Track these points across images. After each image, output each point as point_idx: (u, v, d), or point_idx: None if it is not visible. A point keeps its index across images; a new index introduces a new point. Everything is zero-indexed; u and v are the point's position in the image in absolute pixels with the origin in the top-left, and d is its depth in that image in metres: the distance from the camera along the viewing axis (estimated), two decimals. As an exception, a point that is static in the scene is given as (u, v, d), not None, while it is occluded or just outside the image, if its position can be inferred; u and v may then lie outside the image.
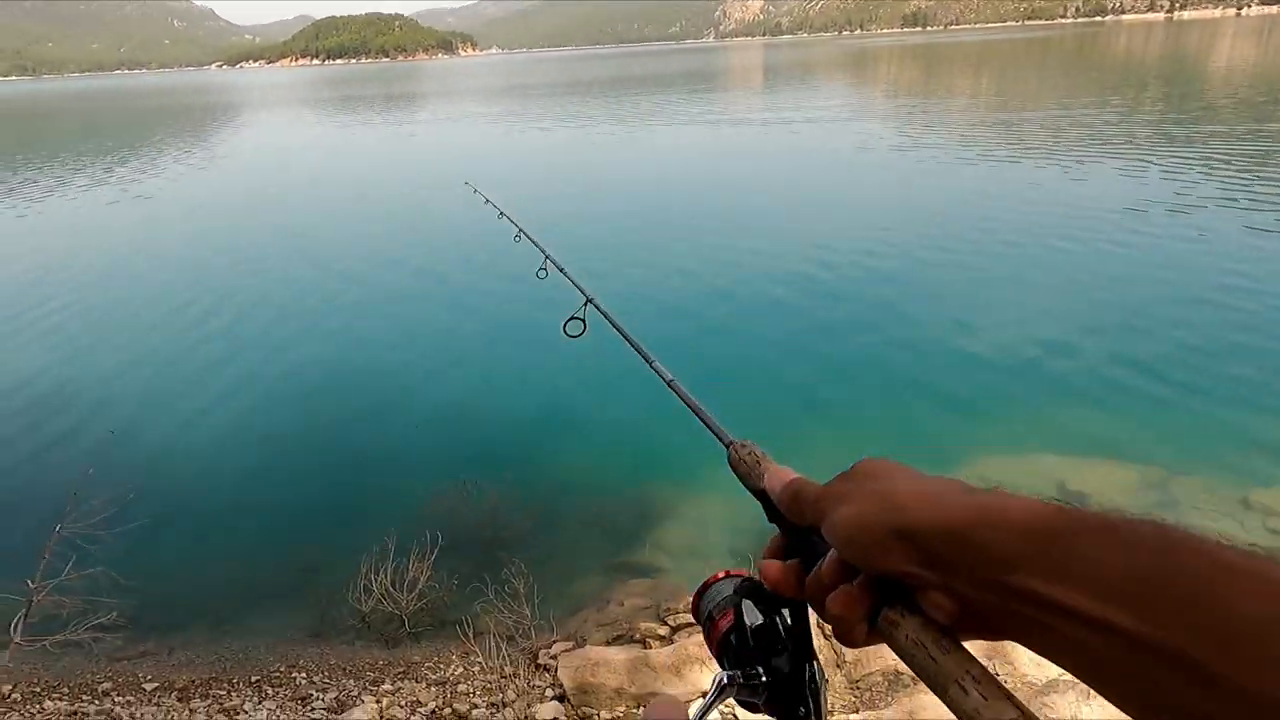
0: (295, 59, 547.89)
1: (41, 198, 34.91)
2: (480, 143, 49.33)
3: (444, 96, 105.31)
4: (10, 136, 77.47)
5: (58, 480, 10.30)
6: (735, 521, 9.60)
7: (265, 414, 12.65)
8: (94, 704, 7.18)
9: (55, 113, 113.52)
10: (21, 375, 14.41)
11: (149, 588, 8.12)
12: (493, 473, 10.46)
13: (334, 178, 38.07)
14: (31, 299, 19.02)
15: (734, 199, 26.68)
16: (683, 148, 40.78)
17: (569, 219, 24.44)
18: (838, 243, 19.95)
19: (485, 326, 15.88)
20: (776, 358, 13.77)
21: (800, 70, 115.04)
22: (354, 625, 8.24)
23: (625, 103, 73.19)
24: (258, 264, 21.56)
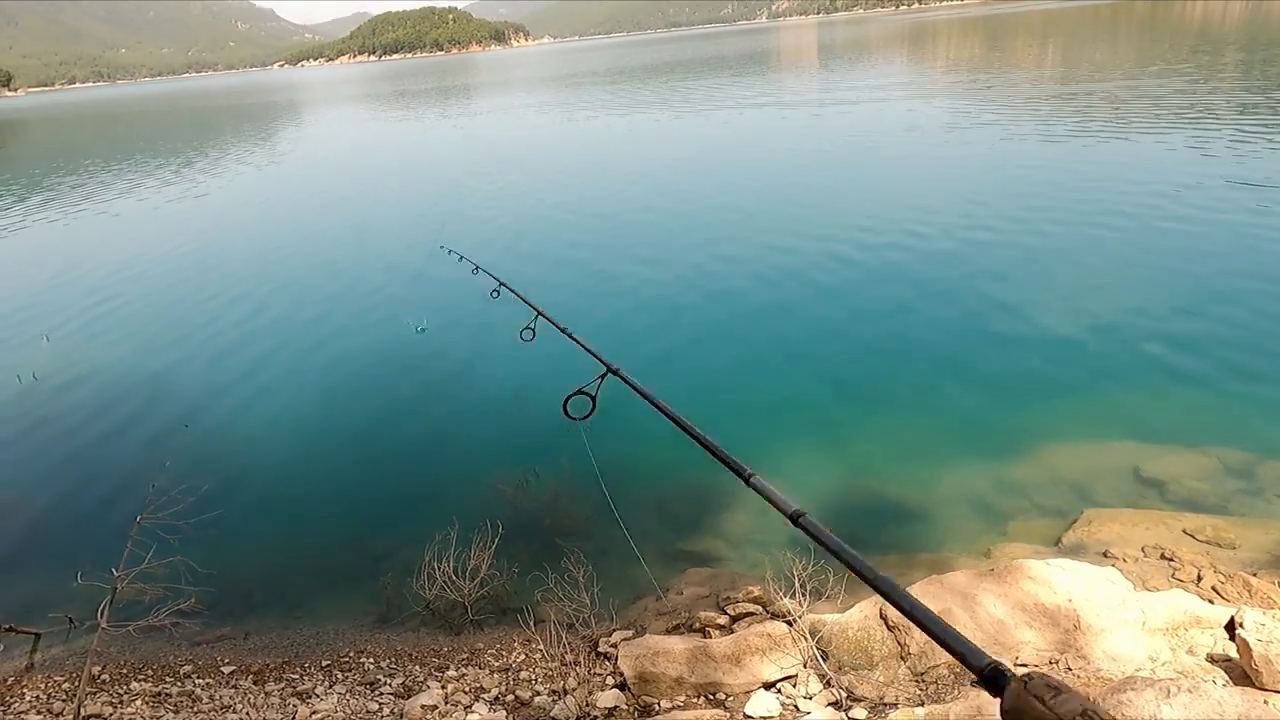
0: (353, 55, 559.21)
1: (116, 198, 36.42)
2: (525, 135, 49.59)
3: (493, 88, 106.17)
4: (89, 140, 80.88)
5: (138, 473, 10.79)
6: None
7: (334, 406, 13.00)
8: (176, 685, 7.50)
9: (128, 116, 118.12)
10: (102, 371, 15.10)
11: (225, 575, 8.44)
12: (552, 461, 10.55)
13: (390, 171, 38.76)
14: (111, 296, 19.91)
15: (784, 183, 26.28)
16: (725, 135, 40.28)
17: (600, 218, 24.46)
18: (892, 225, 19.49)
19: (560, 307, 15.94)
20: (835, 343, 13.56)
21: (855, 49, 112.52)
22: (419, 612, 8.42)
23: (673, 89, 72.70)
24: (321, 259, 22.12)
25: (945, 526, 9.01)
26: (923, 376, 12.23)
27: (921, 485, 9.67)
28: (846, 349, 13.30)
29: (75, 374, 15.00)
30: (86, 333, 17.37)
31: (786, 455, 10.47)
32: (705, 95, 60.95)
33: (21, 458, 12.03)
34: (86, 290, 20.75)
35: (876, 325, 14.06)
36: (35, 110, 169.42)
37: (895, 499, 9.52)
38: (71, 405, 13.69)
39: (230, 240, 25.65)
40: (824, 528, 1.72)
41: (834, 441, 10.76)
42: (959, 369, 12.28)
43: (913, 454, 10.33)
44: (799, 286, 16.11)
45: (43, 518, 10.50)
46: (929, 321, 14.02)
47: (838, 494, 9.73)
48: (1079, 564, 6.53)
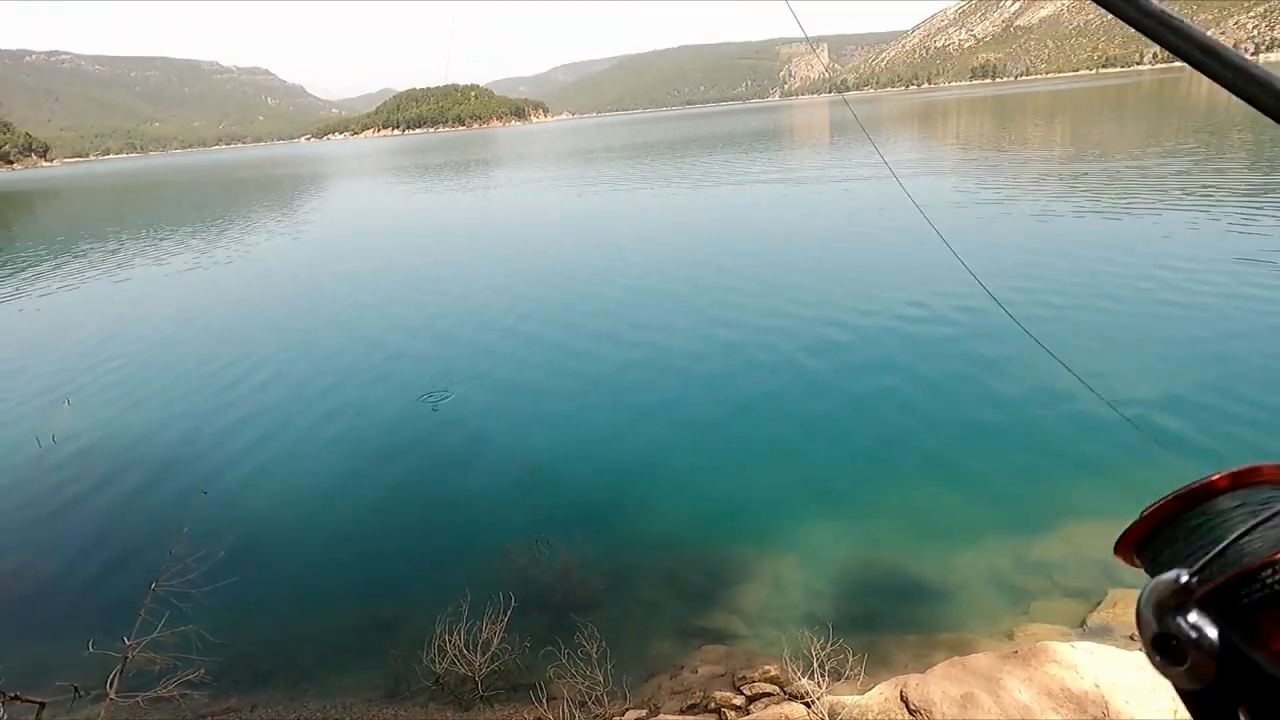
0: (378, 130, 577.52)
1: (140, 266, 37.29)
2: (533, 212, 50.70)
3: (510, 162, 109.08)
4: (116, 209, 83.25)
5: (155, 538, 10.79)
6: (813, 585, 9.37)
7: (347, 475, 13.02)
8: (180, 759, 7.35)
9: (157, 186, 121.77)
10: (122, 435, 15.24)
11: (235, 643, 8.35)
12: (564, 532, 10.49)
13: (408, 242, 39.61)
14: (132, 361, 20.23)
15: (803, 258, 26.63)
16: (730, 212, 41.03)
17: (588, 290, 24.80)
18: (906, 300, 19.66)
19: (561, 389, 16.10)
20: (852, 420, 13.54)
21: (866, 127, 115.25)
22: (428, 686, 8.27)
23: (681, 165, 74.46)
24: (335, 329, 22.44)
25: (966, 606, 8.83)
26: (941, 453, 12.14)
27: (941, 563, 9.52)
28: (863, 425, 13.26)
29: (95, 437, 15.14)
30: (107, 397, 17.58)
31: (803, 531, 10.36)
32: (713, 171, 62.34)
33: (39, 521, 12.06)
34: (108, 355, 21.10)
35: (893, 400, 14.05)
36: (68, 180, 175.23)
37: (914, 577, 9.36)
38: (91, 468, 13.78)
39: (249, 309, 26.12)
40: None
41: (851, 517, 10.65)
42: (978, 445, 12.20)
43: (932, 531, 10.20)
44: (812, 361, 16.17)
45: (56, 583, 10.46)
46: (947, 397, 13.99)
47: (855, 571, 9.58)
48: (1106, 648, 6.37)
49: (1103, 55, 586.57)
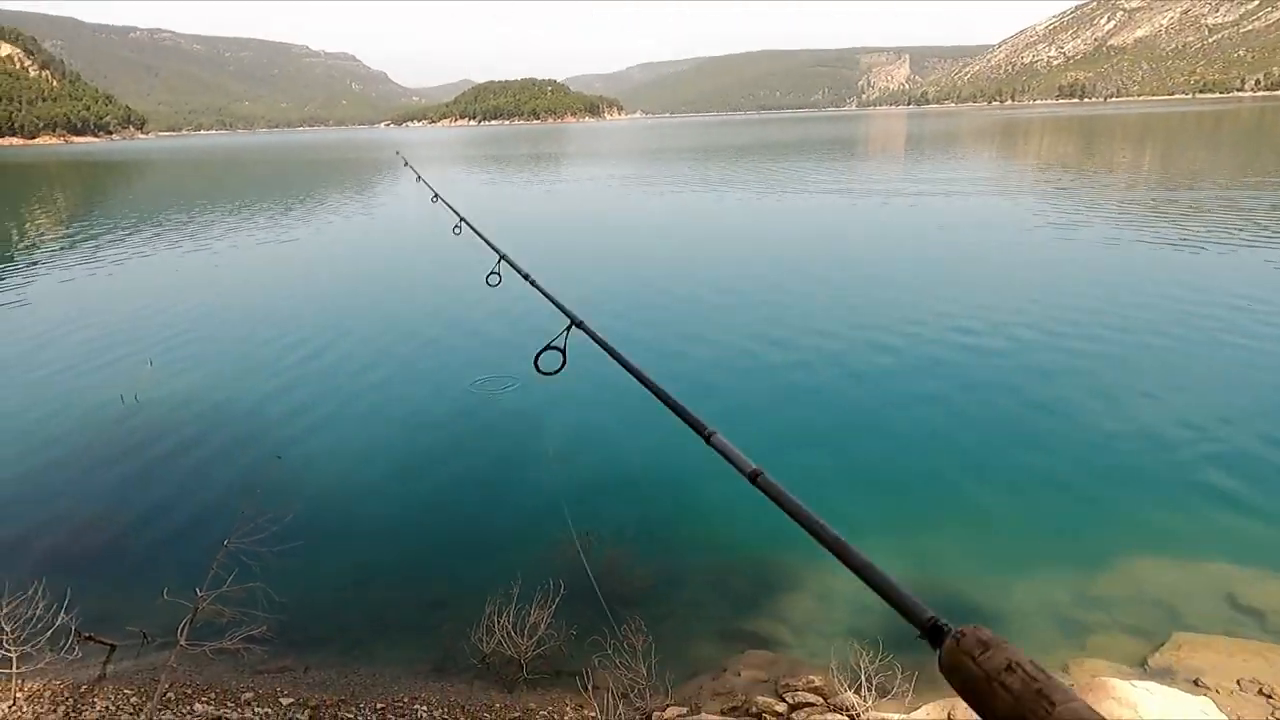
0: (455, 119, 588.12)
1: (226, 236, 38.76)
2: (597, 208, 50.96)
3: (581, 158, 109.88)
4: (207, 183, 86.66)
5: (229, 498, 11.26)
6: (862, 599, 9.25)
7: (415, 453, 13.35)
8: (236, 712, 7.66)
9: (245, 163, 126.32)
10: (201, 398, 15.91)
11: (295, 605, 8.65)
12: (616, 526, 10.60)
13: (482, 226, 40.22)
14: (213, 327, 21.10)
15: (861, 273, 26.28)
16: (798, 218, 40.60)
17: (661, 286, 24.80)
18: (974, 319, 19.23)
19: (619, 384, 16.17)
20: (909, 438, 13.33)
21: (943, 141, 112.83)
22: (474, 664, 8.44)
23: (752, 169, 73.99)
24: (414, 311, 23.00)
25: (1020, 634, 8.61)
26: (1002, 477, 11.87)
27: (997, 589, 9.32)
28: (921, 442, 13.04)
29: (176, 399, 15.83)
30: (188, 360, 18.36)
31: (855, 539, 10.21)
32: (784, 178, 61.79)
33: (122, 474, 12.69)
34: (188, 321, 22.03)
35: (953, 419, 13.79)
36: (161, 152, 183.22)
37: (968, 600, 9.18)
38: (171, 427, 14.43)
39: (328, 284, 26.94)
40: (781, 486, 1.73)
41: (906, 535, 10.49)
42: (1042, 472, 11.88)
43: (988, 555, 9.99)
44: (868, 376, 15.98)
45: (135, 533, 11.00)
46: (1013, 419, 13.67)
47: (907, 583, 9.41)
48: (1169, 689, 6.17)
49: (1200, 79, 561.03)
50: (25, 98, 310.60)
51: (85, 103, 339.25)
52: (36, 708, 7.46)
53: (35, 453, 13.47)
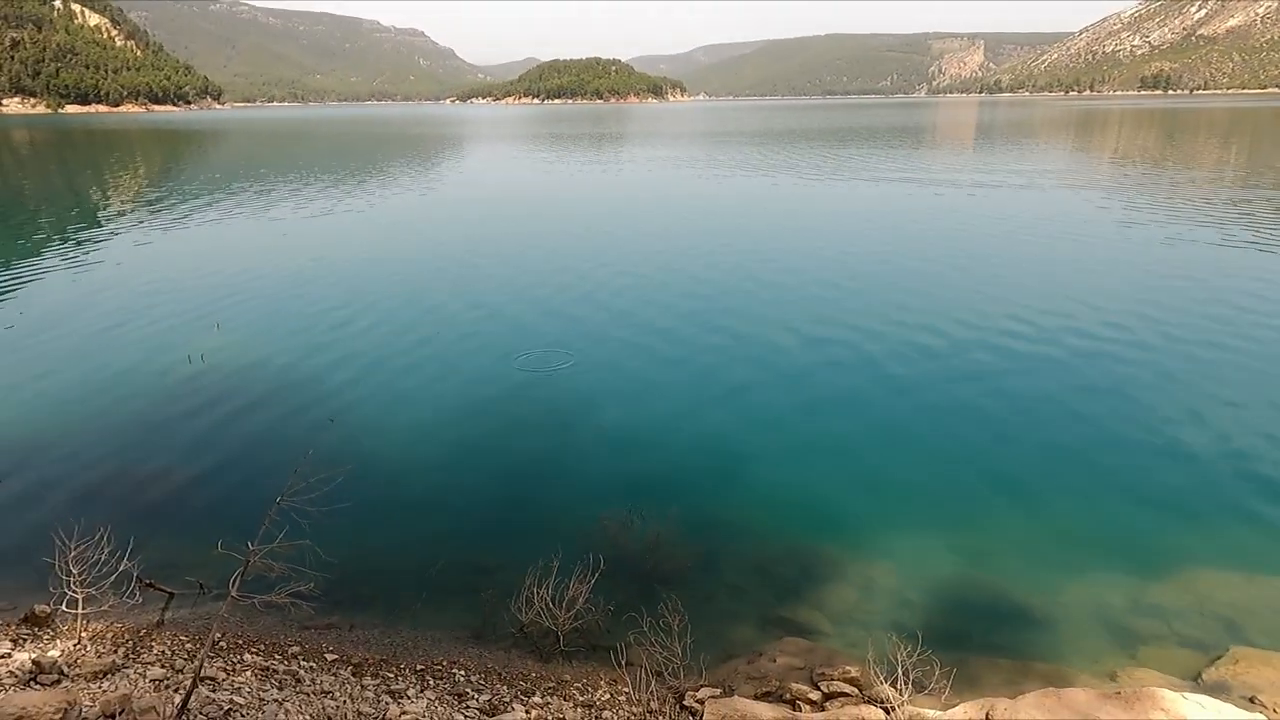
0: (519, 97, 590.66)
1: (294, 207, 39.73)
2: (653, 190, 50.68)
3: (641, 139, 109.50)
4: (278, 153, 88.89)
5: (283, 457, 11.64)
6: (904, 593, 9.13)
7: (460, 427, 13.57)
8: (283, 664, 7.94)
9: (314, 136, 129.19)
10: (263, 362, 16.40)
11: (342, 565, 8.90)
12: (659, 506, 10.61)
13: (532, 211, 40.57)
14: (277, 293, 21.70)
15: (916, 266, 25.68)
16: (854, 206, 39.79)
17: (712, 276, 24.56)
18: (1037, 322, 18.67)
19: (673, 370, 16.20)
20: (968, 431, 13.04)
21: (1015, 131, 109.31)
22: (512, 633, 8.58)
23: (812, 154, 72.74)
24: (469, 286, 23.29)
25: (1067, 638, 8.39)
26: (1058, 478, 11.53)
27: (1045, 590, 9.08)
28: (977, 439, 12.76)
29: (239, 361, 16.37)
30: (253, 324, 18.96)
31: (901, 538, 10.09)
32: (843, 165, 60.66)
33: (185, 431, 13.19)
34: (258, 285, 22.73)
35: (1011, 418, 13.44)
36: (236, 122, 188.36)
37: (1014, 600, 8.97)
38: (232, 388, 14.94)
39: (390, 255, 27.44)
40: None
41: (955, 532, 10.28)
42: (1100, 476, 11.51)
43: (1039, 557, 9.73)
44: (924, 368, 15.67)
45: (194, 487, 11.44)
46: (1076, 420, 13.27)
47: (951, 585, 9.27)
48: (1221, 704, 5.93)
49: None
50: (111, 66, 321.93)
51: (166, 73, 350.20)
52: (99, 647, 7.83)
53: (109, 407, 14.07)
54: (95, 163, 75.09)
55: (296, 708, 6.80)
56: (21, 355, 16.96)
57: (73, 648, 7.75)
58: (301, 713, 6.69)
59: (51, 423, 13.49)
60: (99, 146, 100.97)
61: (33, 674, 6.89)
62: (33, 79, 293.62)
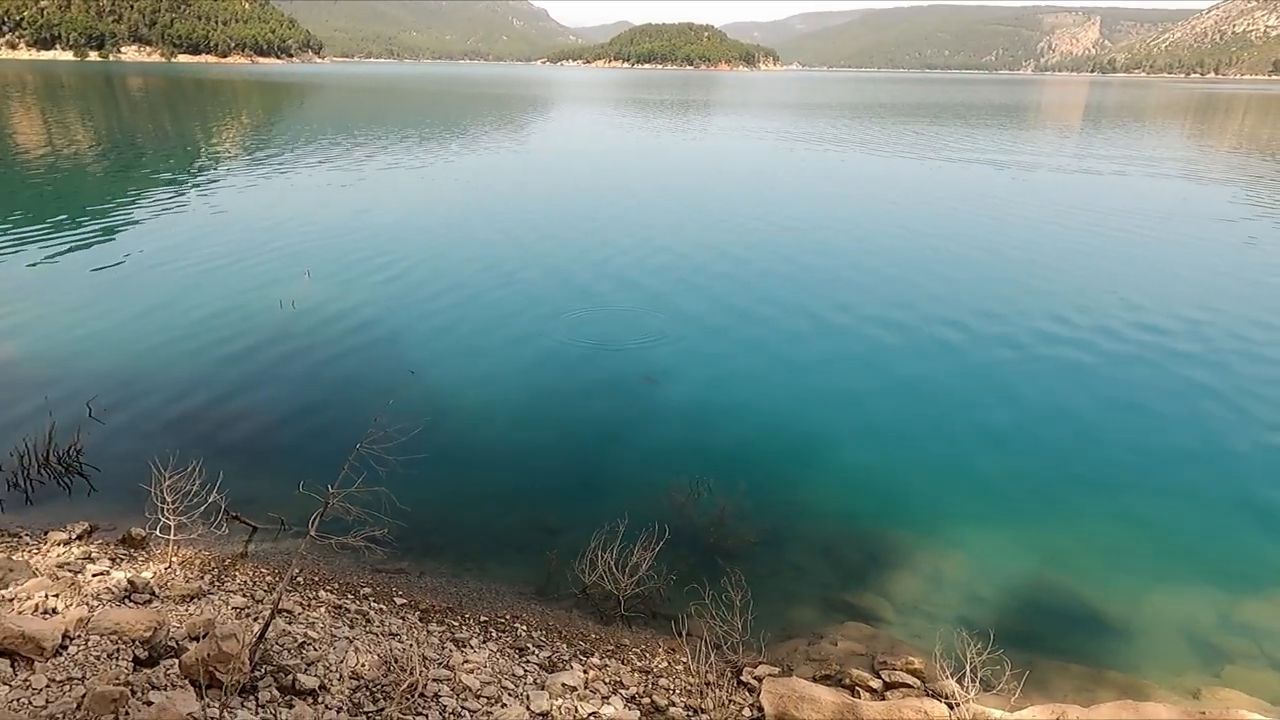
0: (609, 61, 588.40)
1: (384, 163, 40.66)
2: (732, 164, 49.76)
3: (728, 107, 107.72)
4: (372, 108, 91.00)
5: (364, 405, 12.00)
6: (974, 588, 8.86)
7: (538, 390, 13.72)
8: (354, 603, 8.23)
9: (407, 92, 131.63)
10: (350, 312, 16.90)
11: (415, 513, 9.13)
12: (727, 480, 10.53)
13: (616, 181, 40.44)
14: (365, 246, 22.28)
15: (1004, 256, 24.62)
16: (942, 188, 38.25)
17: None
18: (1134, 318, 17.70)
19: (752, 349, 16.02)
20: (1061, 430, 12.53)
21: (1127, 114, 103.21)
22: (575, 594, 8.68)
23: (901, 131, 70.24)
24: (561, 251, 23.46)
25: (1148, 650, 8.01)
26: (1149, 482, 10.98)
27: (1127, 599, 8.67)
28: (1062, 437, 12.23)
29: (327, 310, 16.91)
30: (341, 275, 19.54)
31: (976, 532, 9.78)
32: (935, 143, 58.40)
33: (273, 374, 13.75)
34: (348, 237, 23.43)
35: (1100, 416, 12.84)
36: (333, 77, 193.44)
37: (1093, 606, 8.60)
38: (319, 336, 15.46)
39: (471, 218, 27.84)
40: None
41: (1033, 529, 9.92)
42: (1201, 480, 10.92)
43: (1123, 563, 9.30)
44: (1006, 360, 15.09)
45: (279, 428, 11.92)
46: (1172, 421, 12.61)
47: (1026, 584, 8.94)
48: (1317, 735, 5.56)
49: None
50: (221, 18, 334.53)
51: (271, 25, 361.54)
52: (187, 573, 8.28)
53: (206, 346, 14.75)
54: (203, 112, 78.30)
55: (365, 646, 7.04)
56: (129, 290, 17.93)
57: (163, 571, 8.21)
58: (370, 652, 6.93)
59: (153, 357, 14.22)
60: (207, 95, 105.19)
61: (128, 592, 7.33)
62: (149, 28, 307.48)
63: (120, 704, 5.14)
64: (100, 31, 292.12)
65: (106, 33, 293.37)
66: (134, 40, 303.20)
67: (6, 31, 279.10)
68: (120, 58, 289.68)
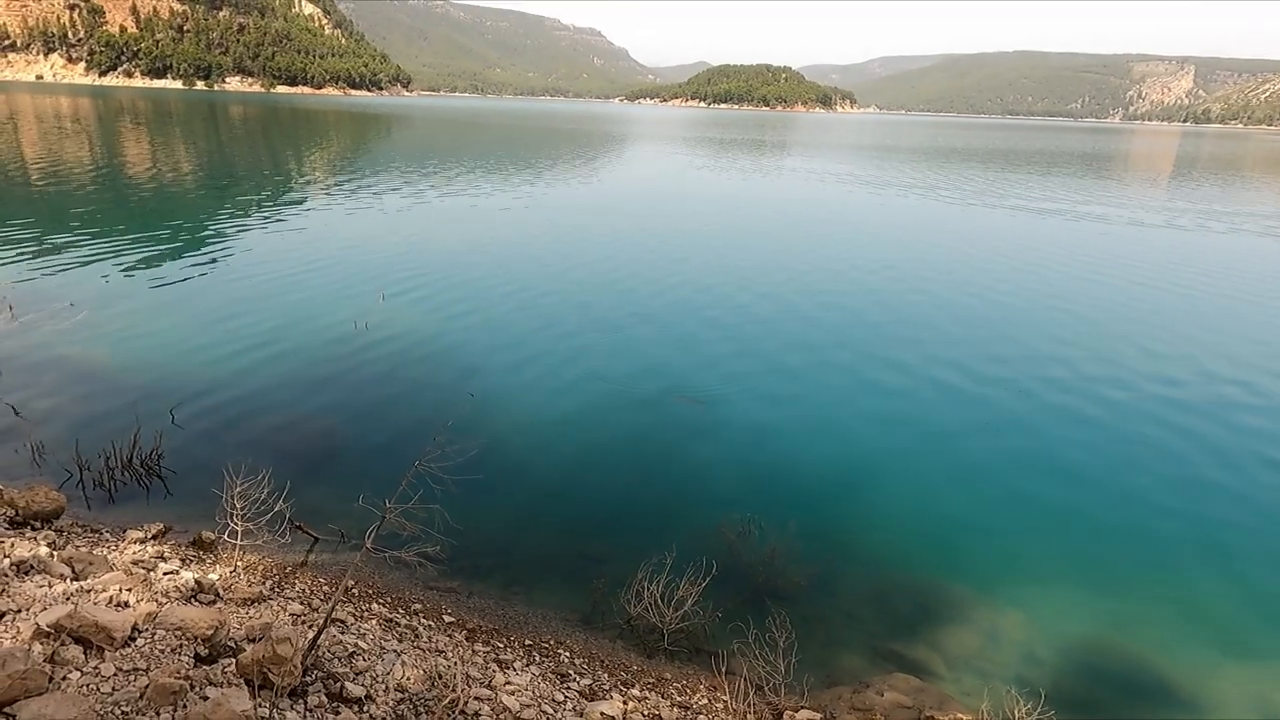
0: (685, 100, 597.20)
1: (460, 192, 41.98)
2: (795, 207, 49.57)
3: (801, 148, 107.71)
4: (455, 142, 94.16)
5: (424, 424, 12.37)
6: (1032, 649, 8.55)
7: (591, 418, 13.91)
8: (404, 618, 8.42)
9: (490, 126, 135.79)
10: (417, 332, 17.47)
11: (468, 533, 9.34)
12: (779, 520, 10.45)
13: (691, 215, 40.83)
14: (437, 272, 23.00)
15: (1102, 305, 23.87)
16: (1036, 240, 37.33)
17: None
18: (1219, 383, 16.93)
19: (813, 388, 15.94)
20: (1133, 500, 12.06)
21: (1222, 168, 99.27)
22: (619, 624, 8.71)
23: (978, 177, 68.98)
24: (620, 284, 23.82)
25: (1217, 728, 7.59)
26: (1229, 550, 10.48)
27: (1197, 672, 8.26)
28: (1142, 496, 11.78)
29: (397, 331, 17.50)
30: (413, 299, 20.20)
31: (1038, 591, 9.46)
32: (1011, 190, 57.18)
33: (342, 390, 14.28)
34: (423, 263, 24.23)
35: (1184, 480, 12.32)
36: (420, 110, 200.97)
37: (1160, 676, 8.21)
38: (388, 356, 16.00)
39: (539, 250, 28.48)
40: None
41: (1100, 592, 9.55)
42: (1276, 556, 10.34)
43: (1195, 634, 8.86)
44: (1087, 414, 14.62)
45: (344, 442, 12.35)
46: (1251, 490, 11.99)
47: (1088, 648, 8.59)
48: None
49: None
50: (319, 52, 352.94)
51: (364, 60, 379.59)
52: (250, 577, 8.62)
53: (280, 361, 15.42)
54: (296, 140, 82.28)
55: (412, 661, 7.20)
56: (214, 303, 18.90)
57: (228, 574, 8.56)
58: (416, 666, 7.08)
59: (233, 367, 14.92)
60: (302, 125, 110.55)
61: (194, 592, 7.67)
62: (252, 60, 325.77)
63: (180, 696, 5.39)
64: (208, 63, 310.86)
65: (213, 64, 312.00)
66: (238, 71, 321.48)
67: (124, 61, 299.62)
68: (224, 87, 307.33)
